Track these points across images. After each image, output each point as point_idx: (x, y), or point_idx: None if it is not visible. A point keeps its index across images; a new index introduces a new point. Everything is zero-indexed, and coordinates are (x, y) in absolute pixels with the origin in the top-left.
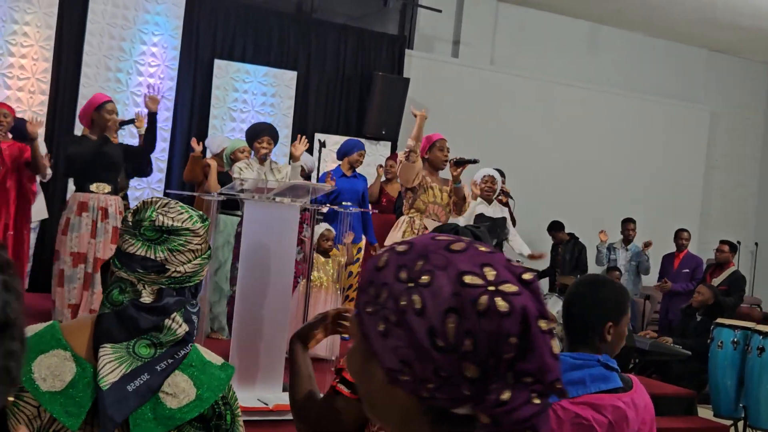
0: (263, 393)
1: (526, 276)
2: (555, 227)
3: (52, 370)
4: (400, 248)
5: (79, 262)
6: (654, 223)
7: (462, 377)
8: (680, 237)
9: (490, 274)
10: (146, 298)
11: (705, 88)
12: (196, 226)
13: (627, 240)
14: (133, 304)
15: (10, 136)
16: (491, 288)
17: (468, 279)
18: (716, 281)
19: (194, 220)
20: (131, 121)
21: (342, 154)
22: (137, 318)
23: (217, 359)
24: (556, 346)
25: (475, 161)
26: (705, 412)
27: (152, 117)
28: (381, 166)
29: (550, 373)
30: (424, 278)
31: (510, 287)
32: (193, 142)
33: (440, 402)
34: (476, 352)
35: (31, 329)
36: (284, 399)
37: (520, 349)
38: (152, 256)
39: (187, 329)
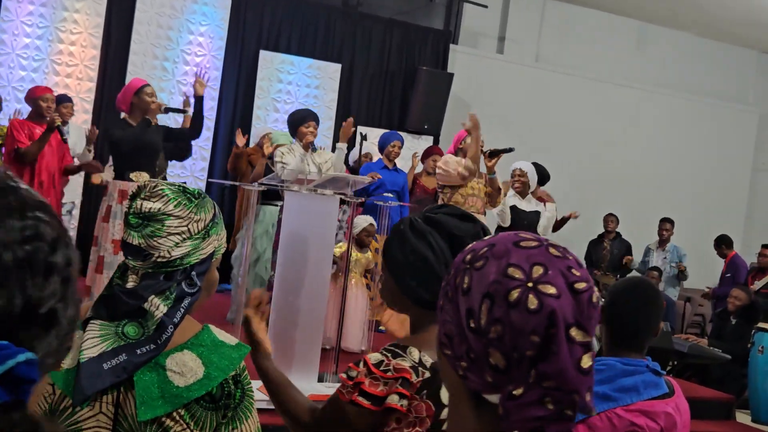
0: (298, 382)
1: (579, 285)
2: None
3: None
4: (486, 237)
5: (120, 249)
6: (698, 225)
7: (487, 363)
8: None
9: (536, 272)
10: (130, 283)
11: (754, 90)
12: (176, 209)
13: (662, 241)
14: (118, 289)
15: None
16: (529, 284)
17: (511, 271)
18: (758, 284)
19: (175, 203)
20: (181, 111)
21: (380, 147)
22: (118, 303)
23: (232, 339)
24: (587, 360)
25: (509, 150)
26: (743, 418)
27: (199, 101)
28: (415, 155)
29: (570, 383)
30: (479, 263)
31: (549, 288)
32: (238, 136)
33: (472, 384)
34: (501, 342)
35: None
36: (319, 389)
37: (542, 350)
38: (135, 243)
39: (165, 311)
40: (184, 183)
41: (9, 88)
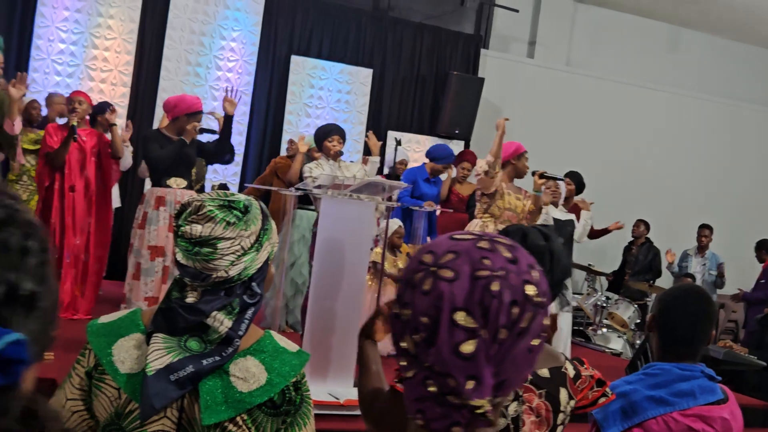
0: (334, 387)
1: (480, 272)
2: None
3: (130, 353)
4: None
5: (157, 256)
6: (733, 230)
7: (400, 346)
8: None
9: (445, 258)
10: (189, 298)
11: None
12: (225, 231)
13: (701, 247)
14: (177, 304)
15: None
16: (432, 269)
17: (425, 257)
18: None
19: (224, 224)
20: (214, 132)
21: (431, 158)
22: (177, 318)
23: (292, 346)
24: (468, 346)
25: (560, 179)
26: None
27: (228, 120)
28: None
29: (445, 366)
30: (415, 253)
31: (446, 273)
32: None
33: (400, 371)
34: (408, 325)
35: (116, 314)
36: (355, 394)
37: (430, 332)
38: (191, 266)
39: (230, 326)
40: (225, 185)
41: (45, 93)
